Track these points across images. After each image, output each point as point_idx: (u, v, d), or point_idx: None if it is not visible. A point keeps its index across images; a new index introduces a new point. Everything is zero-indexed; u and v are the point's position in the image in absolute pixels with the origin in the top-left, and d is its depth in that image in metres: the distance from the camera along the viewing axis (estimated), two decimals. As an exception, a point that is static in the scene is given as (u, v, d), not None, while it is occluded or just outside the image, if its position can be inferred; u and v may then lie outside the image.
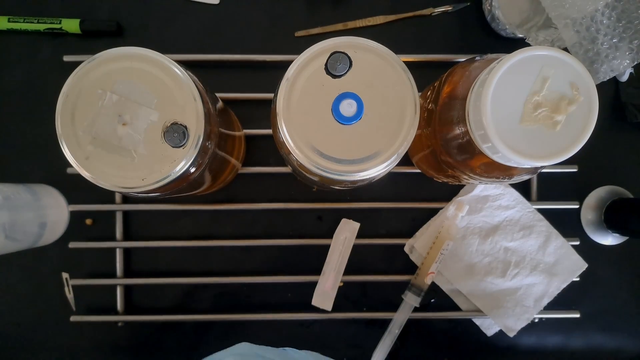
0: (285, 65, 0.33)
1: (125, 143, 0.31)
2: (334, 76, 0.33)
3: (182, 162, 0.31)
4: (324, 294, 0.54)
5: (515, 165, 0.33)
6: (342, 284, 0.54)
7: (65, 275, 0.53)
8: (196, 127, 0.31)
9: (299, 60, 0.33)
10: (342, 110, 0.32)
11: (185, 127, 0.31)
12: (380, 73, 0.33)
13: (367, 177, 0.33)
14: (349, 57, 0.33)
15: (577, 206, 0.55)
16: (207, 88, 0.35)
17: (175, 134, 0.31)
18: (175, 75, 0.31)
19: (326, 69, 0.33)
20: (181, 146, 0.31)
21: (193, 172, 0.34)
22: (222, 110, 0.41)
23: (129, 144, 0.31)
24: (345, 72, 0.33)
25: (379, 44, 0.33)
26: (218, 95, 0.42)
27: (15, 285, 0.54)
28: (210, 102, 0.34)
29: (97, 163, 0.31)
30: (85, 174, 0.31)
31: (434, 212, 0.55)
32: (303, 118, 0.33)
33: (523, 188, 0.55)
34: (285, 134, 0.33)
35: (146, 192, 0.33)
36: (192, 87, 0.31)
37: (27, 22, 0.52)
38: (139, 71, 0.31)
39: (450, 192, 0.55)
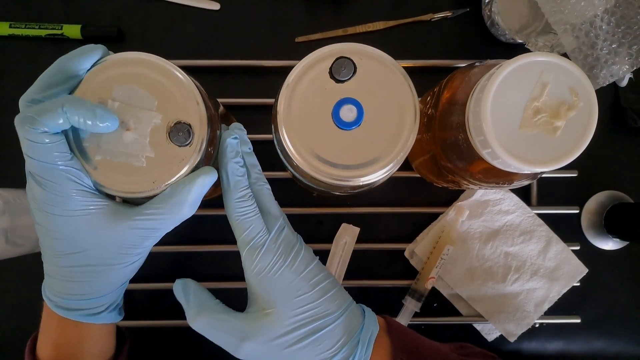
0: (286, 70, 0.33)
1: (132, 148, 0.31)
2: (338, 81, 0.33)
3: (190, 160, 0.31)
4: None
5: (515, 171, 0.33)
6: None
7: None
8: (200, 131, 0.31)
9: (301, 64, 0.33)
10: (342, 115, 0.32)
11: (189, 124, 0.31)
12: (382, 81, 0.33)
13: (367, 182, 0.33)
14: (354, 63, 0.33)
15: (577, 211, 0.55)
16: (208, 93, 0.36)
17: (180, 132, 0.31)
18: (177, 79, 0.31)
19: (330, 73, 0.33)
20: (187, 144, 0.31)
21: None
22: (223, 116, 0.41)
23: (135, 149, 0.31)
24: (349, 78, 0.33)
25: (383, 53, 0.33)
26: (219, 100, 0.42)
27: (15, 290, 0.54)
28: (212, 107, 0.34)
29: (107, 172, 0.31)
30: (96, 185, 0.31)
31: (434, 216, 0.55)
32: (303, 123, 0.33)
33: (523, 193, 0.55)
34: (286, 139, 0.33)
35: (151, 198, 0.33)
36: (195, 91, 0.31)
37: (29, 28, 0.52)
38: (136, 75, 0.31)
39: (450, 197, 0.55)
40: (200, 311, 0.33)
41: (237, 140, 0.33)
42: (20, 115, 0.28)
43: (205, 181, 0.31)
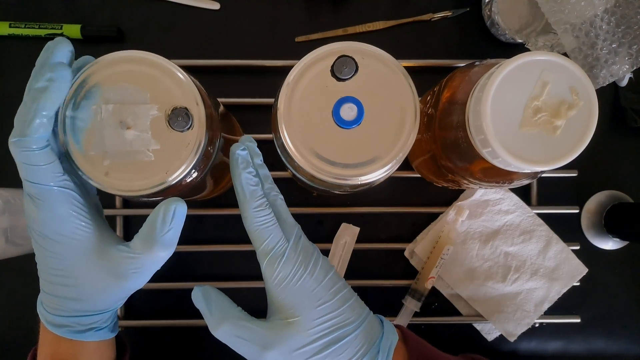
0: (286, 70, 0.33)
1: (137, 145, 0.31)
2: (339, 79, 0.33)
3: (196, 143, 0.31)
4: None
5: (515, 170, 0.33)
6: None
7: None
8: (199, 130, 0.31)
9: (302, 62, 0.33)
10: (343, 114, 0.32)
11: (186, 108, 0.31)
12: (383, 80, 0.33)
13: (367, 181, 0.33)
14: (355, 62, 0.33)
15: (577, 211, 0.55)
16: (208, 93, 0.36)
17: (179, 117, 0.31)
18: (177, 78, 0.31)
19: (332, 71, 0.33)
20: (189, 127, 0.31)
21: (195, 177, 0.34)
22: (223, 115, 0.41)
23: (140, 145, 0.31)
24: (351, 77, 0.33)
25: (385, 52, 0.33)
26: (219, 100, 0.42)
27: (15, 290, 0.54)
28: (212, 106, 0.34)
29: (118, 175, 0.31)
30: (112, 190, 0.31)
31: (434, 216, 0.55)
32: (304, 122, 0.33)
33: (523, 192, 0.55)
34: (286, 138, 0.33)
35: (148, 196, 0.33)
36: (194, 90, 0.31)
37: (28, 28, 0.52)
38: (126, 73, 0.31)
39: (450, 197, 0.55)
40: (223, 319, 0.33)
41: (246, 152, 0.33)
42: (12, 141, 0.29)
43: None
